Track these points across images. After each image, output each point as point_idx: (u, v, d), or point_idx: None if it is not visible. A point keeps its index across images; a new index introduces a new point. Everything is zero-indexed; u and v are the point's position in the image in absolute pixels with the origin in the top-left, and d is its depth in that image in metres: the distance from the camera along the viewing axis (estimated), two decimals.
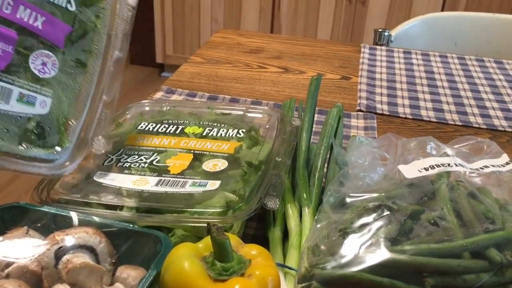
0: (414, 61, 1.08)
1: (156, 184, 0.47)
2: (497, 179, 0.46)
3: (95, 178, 0.49)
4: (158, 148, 0.54)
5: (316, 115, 0.78)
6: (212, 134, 0.56)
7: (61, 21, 0.45)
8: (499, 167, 0.47)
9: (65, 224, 0.42)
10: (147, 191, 0.46)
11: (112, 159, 0.52)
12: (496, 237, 0.38)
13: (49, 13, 0.45)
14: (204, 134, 0.57)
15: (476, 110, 0.87)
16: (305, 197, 0.53)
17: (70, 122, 0.46)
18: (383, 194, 0.43)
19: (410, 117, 0.84)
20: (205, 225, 0.38)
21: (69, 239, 0.40)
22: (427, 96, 0.92)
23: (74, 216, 0.42)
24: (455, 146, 0.51)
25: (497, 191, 0.45)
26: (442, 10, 2.43)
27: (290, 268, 0.46)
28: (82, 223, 0.42)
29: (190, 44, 2.75)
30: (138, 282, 0.37)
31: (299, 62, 1.05)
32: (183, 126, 0.58)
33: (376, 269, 0.39)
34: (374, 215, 0.43)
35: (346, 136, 0.73)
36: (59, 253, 0.39)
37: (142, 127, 0.58)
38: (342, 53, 1.11)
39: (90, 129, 0.48)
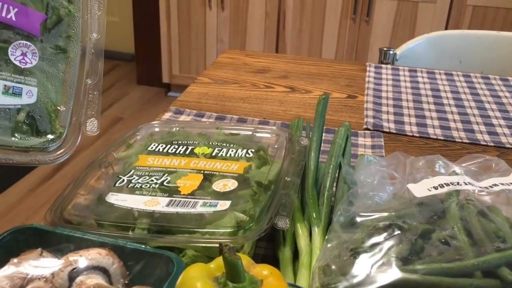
0: (419, 79, 1.09)
1: (167, 205, 0.47)
2: (506, 197, 0.46)
3: (106, 199, 0.50)
4: (168, 169, 0.54)
5: (324, 134, 0.79)
6: (222, 155, 0.57)
7: (34, 10, 0.46)
8: (508, 185, 0.48)
9: (79, 245, 0.43)
10: (158, 212, 0.47)
11: (123, 180, 0.52)
12: (508, 256, 0.38)
13: (20, 4, 0.45)
14: (213, 154, 0.57)
15: (483, 128, 0.88)
16: (314, 216, 0.53)
17: (59, 108, 0.47)
18: (393, 213, 0.43)
19: (417, 135, 0.85)
20: (217, 245, 0.38)
21: (82, 261, 0.40)
22: (434, 114, 0.92)
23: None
24: (464, 165, 0.52)
25: (507, 209, 0.45)
26: (446, 28, 2.45)
27: None
28: (95, 244, 0.43)
29: (196, 64, 2.77)
30: None
31: (305, 81, 1.06)
32: (193, 147, 0.59)
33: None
34: (384, 234, 0.43)
35: (354, 155, 0.73)
36: (73, 275, 0.39)
37: (152, 148, 0.59)
38: (347, 72, 1.12)
39: (80, 113, 0.48)
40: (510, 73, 1.20)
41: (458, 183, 0.46)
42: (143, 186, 0.51)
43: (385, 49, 1.23)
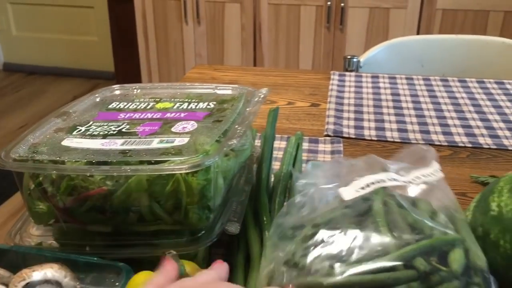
0: (381, 84, 1.13)
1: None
2: (427, 188, 0.49)
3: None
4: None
5: (284, 143, 0.82)
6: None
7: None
8: (430, 176, 0.51)
9: (33, 262, 0.45)
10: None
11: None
12: (421, 246, 0.41)
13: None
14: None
15: (438, 128, 0.91)
16: (265, 221, 0.56)
17: None
18: (320, 220, 0.46)
19: (375, 139, 0.88)
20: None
21: (35, 275, 0.43)
22: (392, 118, 0.96)
23: None
24: (397, 160, 0.55)
25: (428, 199, 0.48)
26: (418, 33, 2.50)
27: None
28: (49, 259, 0.45)
29: (176, 79, 2.80)
30: None
31: (271, 92, 1.09)
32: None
33: None
34: (312, 242, 0.46)
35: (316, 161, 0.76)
36: None
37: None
38: (312, 81, 1.16)
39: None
40: (470, 74, 1.25)
41: (382, 180, 0.49)
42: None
43: (349, 57, 1.27)
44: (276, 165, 0.70)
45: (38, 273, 0.43)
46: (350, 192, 0.48)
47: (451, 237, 0.42)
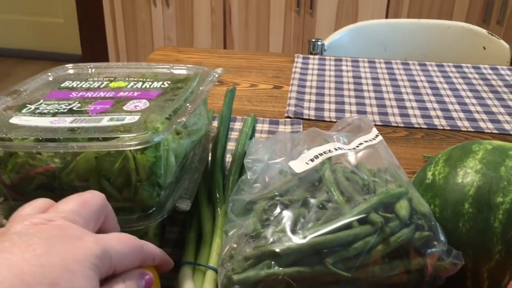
0: (344, 67, 1.14)
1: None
2: (370, 152, 0.51)
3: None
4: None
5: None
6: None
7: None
8: (371, 141, 0.53)
9: None
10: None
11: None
12: (372, 204, 0.43)
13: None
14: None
15: (396, 110, 0.94)
16: (218, 198, 0.57)
17: None
18: (276, 193, 0.47)
19: (335, 120, 0.90)
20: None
21: None
22: (353, 100, 0.98)
23: None
24: (338, 130, 0.57)
25: (371, 162, 0.50)
26: (386, 18, 2.54)
27: (199, 265, 0.50)
28: None
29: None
30: None
31: (234, 74, 1.09)
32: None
33: (282, 261, 0.43)
34: (272, 213, 0.48)
35: None
36: None
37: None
38: (276, 64, 1.17)
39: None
40: (432, 58, 1.27)
41: (329, 151, 0.51)
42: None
43: (313, 40, 1.28)
44: (233, 145, 0.71)
45: None
46: (300, 165, 0.49)
47: (396, 190, 0.45)
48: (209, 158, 0.63)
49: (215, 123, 0.70)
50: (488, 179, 0.44)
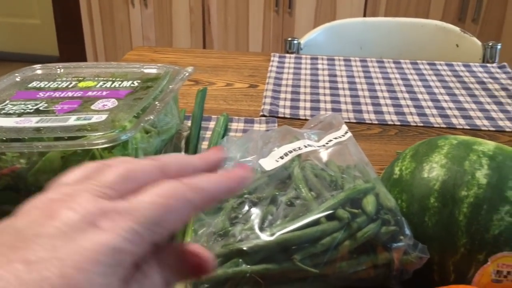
0: (319, 66, 1.15)
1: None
2: (339, 148, 0.52)
3: None
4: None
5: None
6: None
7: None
8: (340, 137, 0.53)
9: None
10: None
11: None
12: (339, 199, 0.44)
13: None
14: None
15: (370, 108, 0.94)
16: None
17: None
18: (245, 191, 0.48)
19: (309, 118, 0.90)
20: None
21: None
22: (328, 98, 0.98)
23: None
24: (309, 128, 0.57)
25: (339, 158, 0.50)
26: (364, 16, 2.56)
27: None
28: None
29: None
30: None
31: (210, 74, 1.09)
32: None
33: (250, 259, 0.43)
34: (241, 211, 0.48)
35: None
36: None
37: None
38: (253, 63, 1.17)
39: None
40: (406, 56, 1.29)
41: (299, 148, 0.51)
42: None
43: (289, 39, 1.28)
44: (207, 145, 0.71)
45: None
46: (270, 163, 0.50)
47: (363, 186, 0.46)
48: None
49: (189, 123, 0.70)
50: (452, 173, 0.44)
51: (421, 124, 0.89)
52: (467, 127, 0.88)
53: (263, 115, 0.90)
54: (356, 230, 0.43)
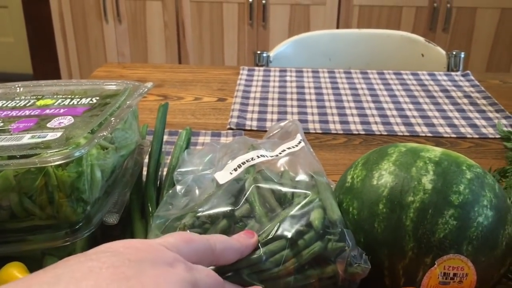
0: (288, 78, 1.17)
1: None
2: (291, 158, 0.52)
3: None
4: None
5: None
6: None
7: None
8: (294, 147, 0.54)
9: None
10: None
11: None
12: (286, 215, 0.44)
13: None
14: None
15: (336, 118, 0.96)
16: (151, 213, 0.57)
17: None
18: (198, 209, 0.48)
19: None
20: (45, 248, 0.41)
21: None
22: (295, 110, 1.00)
23: None
24: (271, 134, 0.58)
25: (292, 168, 0.51)
26: (337, 27, 2.60)
27: None
28: None
29: None
30: None
31: (179, 88, 1.10)
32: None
33: None
34: (193, 230, 0.48)
35: None
36: None
37: None
38: (222, 76, 1.18)
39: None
40: (374, 66, 1.32)
41: (252, 159, 0.52)
42: None
43: (258, 52, 1.30)
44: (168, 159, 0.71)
45: None
46: (224, 176, 0.50)
47: (308, 199, 0.46)
48: (144, 173, 0.63)
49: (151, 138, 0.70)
50: (400, 180, 0.46)
51: (386, 133, 0.90)
52: (429, 134, 0.90)
53: (230, 128, 0.91)
54: (303, 248, 0.44)
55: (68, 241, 0.48)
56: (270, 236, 0.44)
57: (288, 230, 0.44)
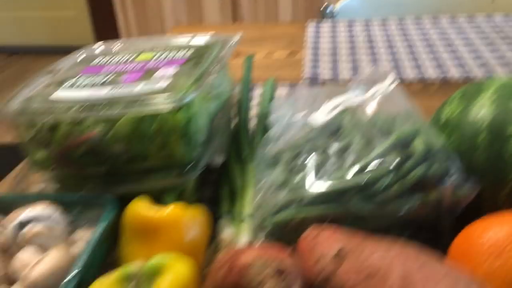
0: (356, 30, 1.16)
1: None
2: (386, 98, 0.54)
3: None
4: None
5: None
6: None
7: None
8: (386, 88, 0.56)
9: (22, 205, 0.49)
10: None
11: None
12: (389, 144, 0.47)
13: None
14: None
15: (410, 65, 0.96)
16: (246, 156, 0.61)
17: None
18: (299, 143, 0.51)
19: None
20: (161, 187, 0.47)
21: (26, 213, 0.47)
22: (367, 59, 1.00)
23: None
24: (356, 82, 0.60)
25: (387, 108, 0.53)
26: None
27: (235, 216, 0.54)
28: (37, 199, 0.50)
29: None
30: (92, 234, 0.45)
31: (250, 45, 1.12)
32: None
33: (310, 203, 0.47)
34: (297, 162, 0.51)
35: None
36: (21, 226, 0.46)
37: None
38: (290, 32, 1.19)
39: None
40: (445, 12, 1.28)
41: (347, 101, 0.54)
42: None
43: (324, 6, 1.29)
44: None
45: (28, 212, 0.47)
46: (320, 117, 0.53)
47: (411, 129, 0.48)
48: (234, 121, 0.67)
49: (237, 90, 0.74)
50: (501, 112, 0.46)
51: (462, 79, 0.89)
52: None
53: (305, 80, 0.93)
54: (406, 173, 0.46)
55: (180, 182, 0.52)
56: (372, 164, 0.46)
57: (390, 157, 0.46)
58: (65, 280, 0.40)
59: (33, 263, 0.42)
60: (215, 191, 0.62)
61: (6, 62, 3.37)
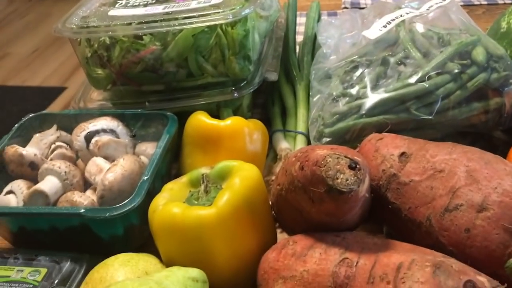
0: None
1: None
2: (442, 11, 0.53)
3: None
4: None
5: (304, 18, 0.86)
6: None
7: None
8: (442, 2, 0.55)
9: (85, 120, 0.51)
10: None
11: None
12: (448, 54, 0.47)
13: None
14: None
15: None
16: (295, 75, 0.61)
17: None
18: (355, 57, 0.51)
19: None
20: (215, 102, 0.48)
21: (92, 126, 0.49)
22: None
23: None
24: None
25: (443, 21, 0.52)
26: None
27: (289, 131, 0.55)
28: (100, 115, 0.52)
29: None
30: (157, 145, 0.47)
31: None
32: None
33: (369, 112, 0.48)
34: (353, 74, 0.51)
35: None
36: (88, 137, 0.48)
37: None
38: None
39: None
40: None
41: (401, 15, 0.53)
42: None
43: None
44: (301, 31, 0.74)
45: (95, 124, 0.49)
46: (374, 32, 0.52)
47: (470, 39, 0.48)
48: (282, 43, 0.67)
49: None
50: None
51: (509, 1, 0.87)
52: None
53: (345, 7, 0.92)
54: (467, 80, 0.46)
55: (236, 96, 0.53)
56: (432, 72, 0.46)
57: (450, 65, 0.46)
58: (139, 182, 0.42)
59: (107, 168, 0.44)
60: (264, 113, 0.63)
61: (28, 6, 3.36)
